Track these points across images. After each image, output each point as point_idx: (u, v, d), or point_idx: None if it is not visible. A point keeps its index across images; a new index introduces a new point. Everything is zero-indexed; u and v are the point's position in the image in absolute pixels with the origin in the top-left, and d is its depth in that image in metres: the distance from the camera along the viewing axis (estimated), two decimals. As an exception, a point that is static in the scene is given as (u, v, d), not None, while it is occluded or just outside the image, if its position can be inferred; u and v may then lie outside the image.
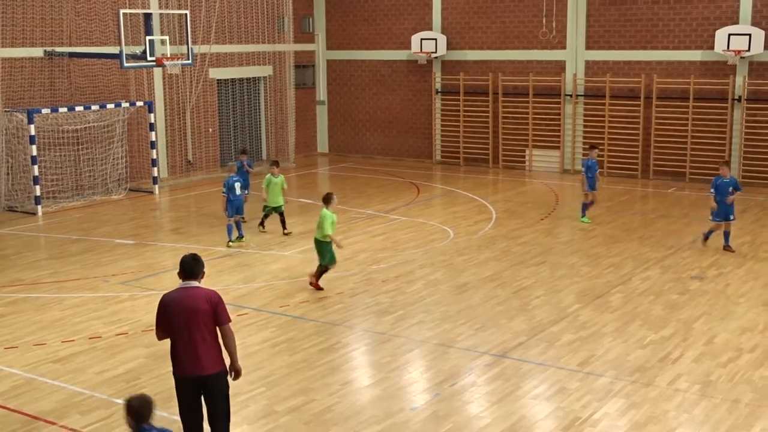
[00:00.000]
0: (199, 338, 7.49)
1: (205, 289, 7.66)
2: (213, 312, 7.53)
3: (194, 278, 7.66)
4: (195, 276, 7.66)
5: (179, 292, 7.61)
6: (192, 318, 7.47)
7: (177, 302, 7.54)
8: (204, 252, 16.28)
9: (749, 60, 22.51)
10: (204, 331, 7.51)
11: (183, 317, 7.48)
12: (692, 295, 13.42)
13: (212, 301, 7.55)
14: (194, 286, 7.62)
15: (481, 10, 26.33)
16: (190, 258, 7.72)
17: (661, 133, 23.92)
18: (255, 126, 27.87)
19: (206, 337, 7.52)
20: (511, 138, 26.26)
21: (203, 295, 7.56)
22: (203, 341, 7.50)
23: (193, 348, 7.50)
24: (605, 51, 24.52)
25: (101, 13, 22.62)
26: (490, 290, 13.87)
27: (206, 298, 7.54)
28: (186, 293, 7.57)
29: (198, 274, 7.68)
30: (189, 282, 7.64)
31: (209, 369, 7.57)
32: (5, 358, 11.09)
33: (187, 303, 7.50)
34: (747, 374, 10.28)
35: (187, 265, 7.67)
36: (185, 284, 7.63)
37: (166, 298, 7.64)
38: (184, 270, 7.67)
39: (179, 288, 7.64)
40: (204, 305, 7.50)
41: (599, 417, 9.20)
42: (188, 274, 7.66)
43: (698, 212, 19.67)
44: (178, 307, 7.51)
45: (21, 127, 20.41)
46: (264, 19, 27.00)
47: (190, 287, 7.61)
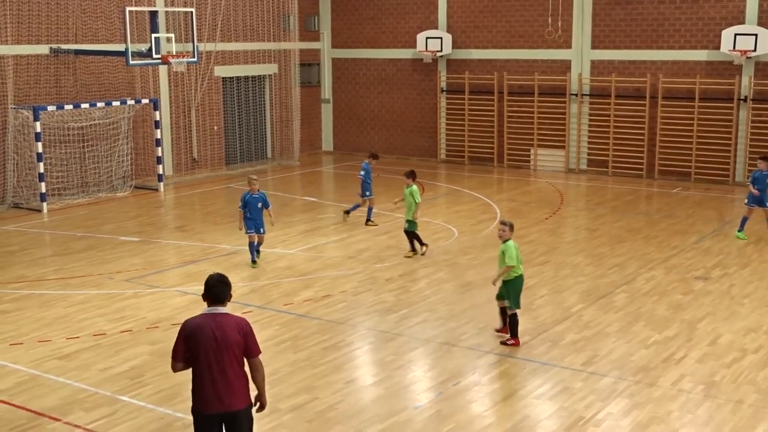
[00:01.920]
0: (229, 372, 6.75)
1: (235, 317, 6.86)
2: (244, 343, 6.77)
3: (221, 303, 6.83)
4: (222, 301, 6.83)
5: (205, 319, 6.78)
6: (222, 349, 6.69)
7: (204, 331, 6.72)
8: (208, 250, 16.34)
9: (755, 60, 22.46)
10: (234, 364, 6.77)
11: (211, 348, 6.68)
12: (696, 296, 13.40)
13: (243, 331, 6.78)
14: (222, 312, 6.80)
15: (487, 9, 26.31)
16: (217, 280, 6.83)
17: (667, 133, 23.88)
18: (260, 124, 27.90)
19: (236, 370, 6.79)
20: (516, 137, 26.25)
21: (233, 323, 6.77)
22: (233, 375, 6.77)
23: (222, 382, 6.74)
24: (611, 50, 24.49)
25: (107, 11, 22.66)
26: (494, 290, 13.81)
27: (237, 327, 6.75)
28: (214, 321, 6.75)
29: (224, 299, 6.85)
30: (216, 308, 6.80)
31: (238, 404, 6.83)
32: (10, 354, 11.12)
33: (216, 332, 6.70)
34: (751, 375, 10.27)
35: (213, 289, 6.80)
36: (212, 310, 6.80)
37: (190, 325, 6.83)
38: (210, 293, 6.80)
39: (205, 314, 6.83)
40: (235, 335, 6.73)
41: (602, 417, 9.20)
42: (214, 299, 6.81)
43: (703, 212, 19.64)
44: (206, 336, 6.71)
45: (27, 124, 20.46)
46: (269, 18, 27.01)
47: (218, 314, 6.78)
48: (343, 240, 17.16)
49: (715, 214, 19.65)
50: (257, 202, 14.94)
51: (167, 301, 13.34)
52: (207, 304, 6.84)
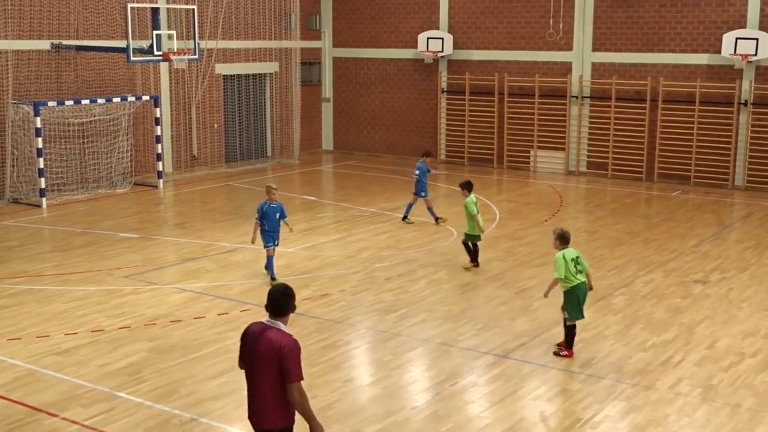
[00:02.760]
0: (260, 389, 6.53)
1: (280, 336, 6.45)
2: (278, 365, 6.39)
3: (280, 316, 6.53)
4: (281, 314, 6.52)
5: (257, 329, 6.57)
6: (257, 363, 6.49)
7: (251, 340, 6.57)
8: (207, 247, 16.33)
9: (756, 64, 22.47)
10: (266, 382, 6.47)
11: (250, 358, 6.55)
12: (695, 299, 13.41)
13: (280, 353, 6.36)
14: (273, 327, 6.50)
15: (488, 10, 26.32)
16: (280, 292, 6.55)
17: (667, 136, 23.89)
18: (260, 122, 27.89)
19: (268, 390, 6.49)
20: (516, 138, 26.25)
21: (273, 343, 6.39)
22: (264, 393, 6.51)
23: (254, 397, 6.60)
24: (612, 53, 24.50)
25: (109, 7, 22.65)
26: (493, 290, 13.87)
27: (274, 348, 6.38)
28: (262, 333, 6.50)
29: (286, 312, 6.54)
30: (272, 320, 6.53)
31: (265, 425, 6.58)
32: (8, 349, 11.12)
33: (257, 346, 6.49)
34: (748, 379, 10.28)
35: (273, 301, 6.53)
36: (268, 321, 6.55)
37: (247, 329, 6.69)
38: (271, 304, 6.54)
39: (262, 323, 6.60)
40: (269, 355, 6.39)
41: (600, 419, 9.21)
42: (273, 311, 6.53)
43: (702, 216, 19.66)
44: (249, 346, 6.58)
45: (27, 119, 20.44)
46: (271, 16, 27.01)
47: (269, 327, 6.51)
48: (342, 239, 17.16)
49: (715, 217, 19.66)
50: (275, 213, 13.91)
51: (166, 298, 13.35)
52: (268, 314, 6.58)
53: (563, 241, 10.88)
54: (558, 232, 10.95)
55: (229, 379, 10.19)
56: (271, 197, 13.87)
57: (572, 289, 10.79)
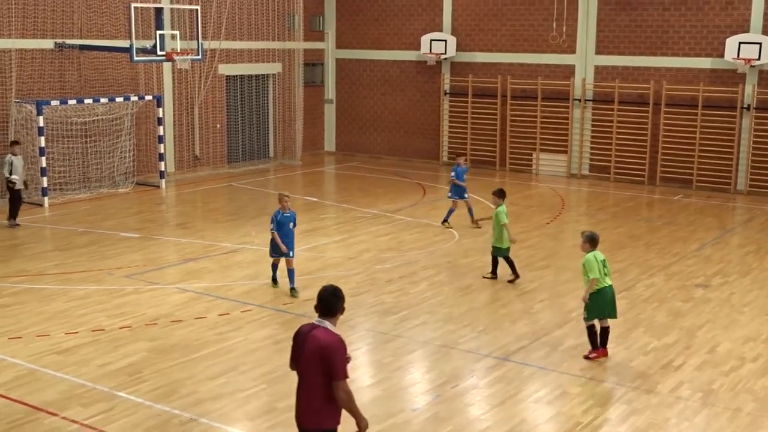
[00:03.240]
0: (304, 387, 6.59)
1: (326, 335, 6.52)
2: (322, 364, 6.44)
3: (329, 316, 6.62)
4: (330, 314, 6.63)
5: (306, 328, 6.65)
6: (304, 362, 6.54)
7: (298, 339, 6.66)
8: (209, 247, 16.34)
9: (759, 69, 22.46)
10: (310, 381, 6.54)
11: (298, 357, 6.61)
12: (696, 303, 13.40)
13: (324, 352, 6.43)
14: (321, 327, 6.57)
15: (492, 12, 26.32)
16: (329, 293, 6.67)
17: (669, 140, 23.88)
18: (263, 123, 27.90)
19: (312, 389, 6.53)
20: (519, 141, 26.25)
21: (319, 342, 6.46)
22: (308, 392, 6.55)
23: (299, 393, 6.65)
24: (615, 56, 24.48)
25: (112, 7, 22.67)
26: (494, 293, 13.87)
27: (319, 347, 6.44)
28: (310, 333, 6.56)
29: (335, 313, 6.65)
30: (321, 320, 6.61)
31: (308, 424, 6.64)
32: (9, 348, 11.12)
33: (304, 345, 6.55)
34: (749, 384, 10.27)
35: (323, 301, 6.62)
36: (317, 321, 6.63)
37: (298, 330, 6.74)
38: (320, 304, 6.63)
39: (311, 324, 6.68)
40: (313, 354, 6.46)
41: (600, 423, 9.20)
42: (322, 311, 6.63)
43: (704, 220, 19.64)
44: (297, 345, 6.65)
45: (30, 118, 20.46)
46: (274, 17, 27.03)
47: (317, 327, 6.57)
48: (343, 240, 17.16)
49: (717, 222, 19.64)
50: (289, 222, 13.47)
51: (167, 298, 13.35)
52: (318, 314, 6.65)
53: (592, 243, 10.93)
54: (587, 234, 10.99)
55: (229, 379, 10.19)
56: (284, 206, 13.44)
57: (600, 290, 10.77)
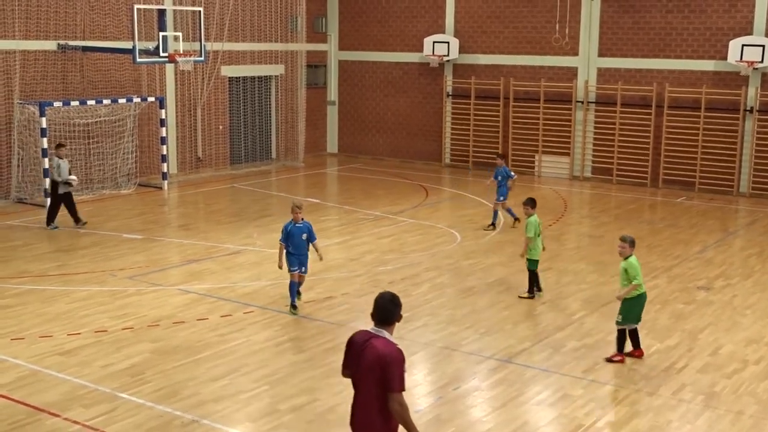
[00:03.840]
0: (360, 398, 6.46)
1: (385, 345, 6.28)
2: (381, 375, 6.23)
3: (386, 325, 6.36)
4: (387, 322, 6.36)
5: (362, 337, 6.44)
6: (361, 372, 6.37)
7: (353, 348, 6.47)
8: (211, 249, 16.35)
9: (762, 71, 22.44)
10: (367, 392, 6.36)
11: (355, 367, 6.43)
12: (698, 306, 13.38)
13: (383, 363, 6.20)
14: (378, 335, 6.33)
15: (494, 14, 26.32)
16: (387, 300, 6.38)
17: (672, 143, 23.86)
18: (265, 125, 27.91)
19: (368, 400, 6.36)
20: (521, 143, 26.24)
21: (378, 352, 6.23)
22: (364, 403, 6.41)
23: (355, 403, 6.54)
24: (617, 58, 24.48)
25: (115, 8, 22.70)
26: (496, 295, 13.86)
27: (378, 357, 6.22)
28: (367, 342, 6.35)
29: (392, 321, 6.38)
30: (378, 329, 6.36)
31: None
32: (11, 349, 11.13)
33: (361, 354, 6.36)
34: (751, 386, 10.25)
35: (380, 309, 6.36)
36: (373, 330, 6.38)
37: (352, 337, 6.55)
38: (376, 313, 6.38)
39: (366, 331, 6.44)
40: (372, 364, 6.25)
41: (602, 425, 9.19)
42: (379, 319, 6.37)
43: (706, 222, 19.62)
44: (353, 354, 6.45)
45: (32, 119, 20.49)
46: (277, 18, 27.04)
47: (374, 336, 6.34)
48: (345, 242, 17.16)
49: (719, 224, 19.63)
50: (301, 233, 12.55)
51: (169, 299, 13.35)
52: (373, 322, 6.41)
53: (633, 246, 11.06)
54: (630, 239, 11.06)
55: (231, 381, 10.19)
56: (296, 217, 12.57)
57: (639, 296, 10.94)
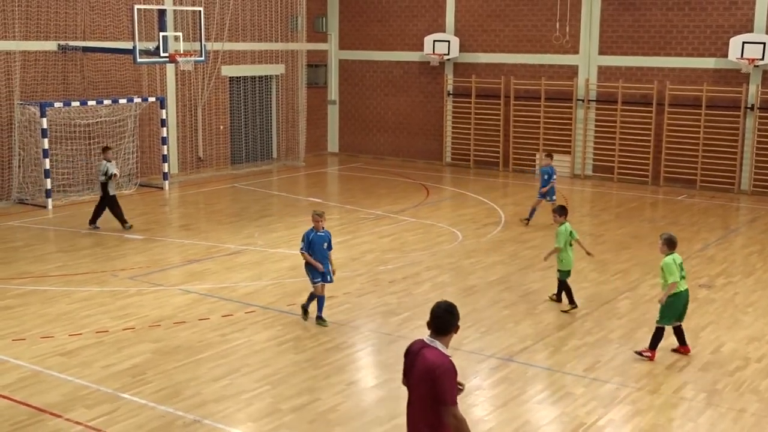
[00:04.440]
0: (411, 408, 6.29)
1: (436, 356, 6.11)
2: (431, 387, 6.05)
3: (442, 335, 6.20)
4: (443, 332, 6.20)
5: (417, 346, 6.28)
6: (413, 382, 6.22)
7: (408, 357, 6.33)
8: (212, 249, 16.35)
9: (763, 68, 22.42)
10: (418, 402, 6.20)
11: (409, 375, 6.29)
12: (700, 304, 13.36)
13: (432, 375, 6.03)
14: (431, 346, 6.16)
15: (495, 13, 26.31)
16: (443, 310, 6.26)
17: (673, 140, 23.85)
18: (266, 124, 27.91)
19: (419, 410, 6.19)
20: (522, 141, 26.23)
21: (428, 363, 6.07)
22: (415, 413, 6.24)
23: (408, 413, 6.35)
24: (618, 56, 24.46)
25: (115, 8, 22.70)
26: (497, 294, 13.85)
27: (427, 369, 6.06)
28: (420, 351, 6.19)
29: (448, 331, 6.22)
30: (433, 339, 6.20)
31: None
32: (12, 350, 11.13)
33: (413, 364, 6.23)
34: (753, 384, 10.25)
35: (437, 319, 6.21)
36: (428, 339, 6.22)
37: (409, 346, 6.39)
38: (432, 322, 6.23)
39: (422, 340, 6.27)
40: (422, 375, 6.10)
41: (604, 423, 9.18)
42: (435, 329, 6.22)
43: (707, 220, 19.61)
44: (407, 363, 6.32)
45: (33, 120, 20.49)
46: (277, 18, 27.04)
47: (428, 346, 6.18)
48: (346, 242, 17.15)
49: (720, 222, 19.61)
50: (323, 242, 12.13)
51: (170, 299, 13.35)
52: (430, 331, 6.26)
53: (670, 245, 10.92)
54: (666, 237, 10.97)
55: (232, 381, 10.19)
56: (318, 226, 12.12)
57: (677, 294, 10.81)
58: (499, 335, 11.88)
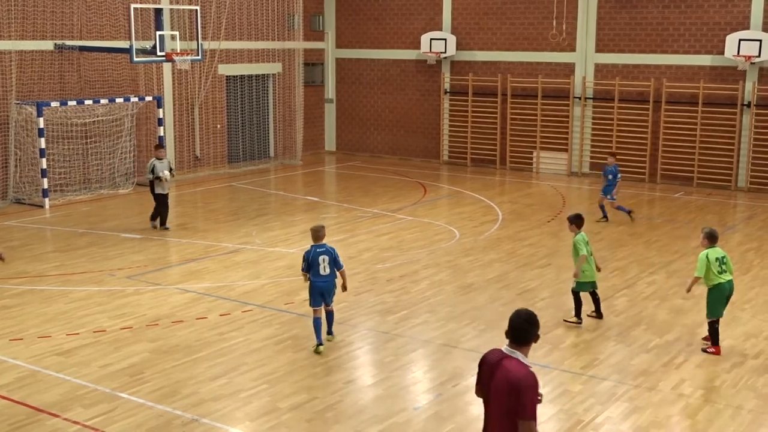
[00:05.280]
0: (490, 418, 6.04)
1: (518, 368, 5.87)
2: (511, 398, 5.82)
3: (520, 345, 5.95)
4: (523, 343, 5.95)
5: (495, 356, 6.03)
6: (491, 393, 5.97)
7: (485, 369, 6.07)
8: (210, 248, 16.34)
9: (759, 66, 22.44)
10: (497, 416, 5.95)
11: (486, 388, 6.02)
12: (697, 300, 13.34)
13: (515, 388, 5.79)
14: (511, 357, 5.93)
15: (491, 11, 26.31)
16: (523, 320, 6.00)
17: (670, 138, 23.87)
18: (263, 123, 27.90)
19: (497, 420, 5.95)
20: (519, 139, 26.24)
21: (509, 376, 5.84)
22: (493, 423, 5.99)
23: (484, 424, 6.13)
24: (615, 54, 24.48)
25: (112, 8, 22.67)
26: (495, 291, 13.86)
27: (509, 381, 5.82)
28: (497, 363, 5.95)
29: (528, 341, 5.97)
30: (512, 350, 5.95)
31: None
32: (10, 349, 11.12)
33: (494, 375, 5.95)
34: (751, 380, 10.26)
35: (516, 329, 5.97)
36: (507, 350, 5.98)
37: (484, 356, 6.16)
38: (512, 332, 5.99)
39: (500, 350, 6.03)
40: (503, 387, 5.85)
41: (602, 420, 9.19)
42: (514, 339, 5.97)
43: (704, 217, 19.62)
44: (485, 375, 6.05)
45: (30, 119, 20.47)
46: (274, 17, 27.02)
47: (507, 357, 5.94)
48: (344, 240, 17.15)
49: (717, 219, 19.62)
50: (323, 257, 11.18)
51: (168, 298, 13.35)
52: (508, 341, 6.03)
53: (711, 240, 11.14)
54: (707, 231, 11.20)
55: (230, 379, 10.19)
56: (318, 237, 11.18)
57: (714, 287, 11.03)
58: (497, 333, 11.87)
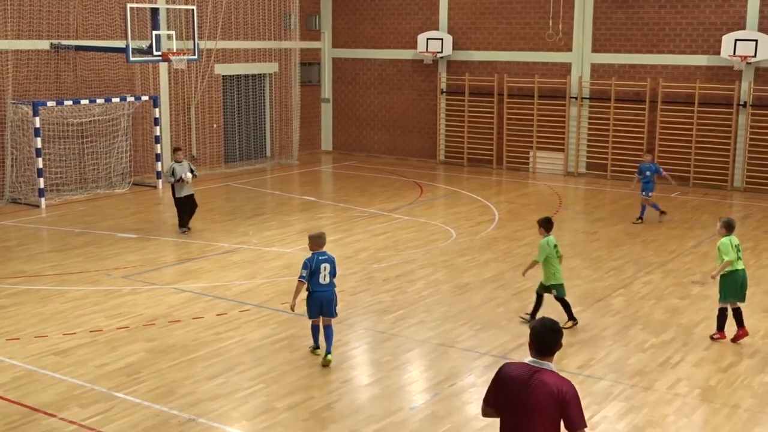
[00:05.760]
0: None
1: (557, 380, 5.55)
2: (559, 414, 5.51)
3: (547, 356, 5.62)
4: (550, 353, 5.62)
5: (523, 371, 5.63)
6: (526, 413, 5.55)
7: (514, 384, 5.64)
8: (206, 247, 16.34)
9: (755, 66, 22.48)
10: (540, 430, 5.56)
11: (516, 406, 5.60)
12: (693, 300, 13.41)
13: (560, 401, 5.49)
14: (544, 369, 5.59)
15: (488, 10, 26.32)
16: (549, 329, 5.64)
17: (666, 138, 23.90)
18: (260, 123, 27.89)
19: None
20: (516, 139, 26.26)
21: (550, 389, 5.50)
22: None
23: None
24: (611, 54, 24.50)
25: (108, 7, 22.65)
26: (491, 291, 13.87)
27: (551, 395, 5.48)
28: (531, 376, 5.57)
29: (553, 351, 5.64)
30: (539, 361, 5.61)
31: None
32: (6, 349, 11.12)
33: (526, 391, 5.55)
34: (747, 380, 10.28)
35: (541, 339, 5.62)
36: (534, 362, 5.63)
37: (506, 371, 5.75)
38: (536, 343, 5.64)
39: (526, 364, 5.67)
40: (545, 402, 5.49)
41: (598, 420, 9.21)
42: (540, 349, 5.63)
43: (700, 217, 19.66)
44: (514, 391, 5.63)
45: (26, 119, 20.44)
46: (270, 16, 27.01)
47: (539, 369, 5.59)
48: (340, 240, 17.16)
49: (713, 219, 19.58)
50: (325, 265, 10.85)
51: (164, 298, 13.34)
52: (530, 352, 5.70)
53: (728, 228, 11.49)
54: (724, 220, 11.55)
55: (227, 379, 10.19)
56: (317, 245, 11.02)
57: (731, 273, 11.38)
58: (494, 333, 11.90)
